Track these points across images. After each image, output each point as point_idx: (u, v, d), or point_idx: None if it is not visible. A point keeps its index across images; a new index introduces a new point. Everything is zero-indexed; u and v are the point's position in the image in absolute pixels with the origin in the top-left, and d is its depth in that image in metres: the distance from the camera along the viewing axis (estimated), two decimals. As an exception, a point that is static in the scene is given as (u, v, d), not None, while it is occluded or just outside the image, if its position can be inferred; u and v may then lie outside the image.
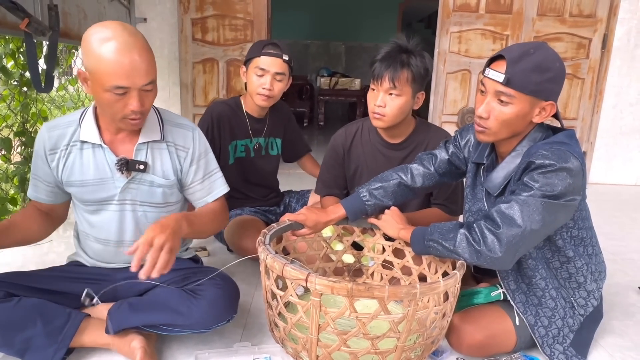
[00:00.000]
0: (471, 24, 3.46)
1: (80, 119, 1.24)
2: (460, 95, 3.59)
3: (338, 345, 1.09)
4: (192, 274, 1.29)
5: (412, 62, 1.51)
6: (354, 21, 7.31)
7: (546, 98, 1.12)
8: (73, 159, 1.23)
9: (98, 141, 1.21)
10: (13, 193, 2.25)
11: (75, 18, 2.51)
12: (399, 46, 1.54)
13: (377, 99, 1.53)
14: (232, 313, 1.24)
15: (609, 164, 3.63)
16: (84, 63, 1.12)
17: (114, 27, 1.09)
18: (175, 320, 1.17)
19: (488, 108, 1.16)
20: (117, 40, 1.07)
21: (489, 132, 1.19)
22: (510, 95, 1.11)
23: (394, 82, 1.50)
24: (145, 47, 1.11)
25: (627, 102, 3.51)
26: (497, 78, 1.12)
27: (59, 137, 1.23)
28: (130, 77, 1.08)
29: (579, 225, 1.21)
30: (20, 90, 2.21)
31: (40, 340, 1.11)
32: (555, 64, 1.10)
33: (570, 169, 1.07)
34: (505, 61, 1.11)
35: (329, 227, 1.56)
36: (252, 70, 1.78)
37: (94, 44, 1.08)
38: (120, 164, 1.21)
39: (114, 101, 1.11)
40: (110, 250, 1.30)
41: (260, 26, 3.45)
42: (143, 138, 1.24)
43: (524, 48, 1.11)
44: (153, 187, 1.27)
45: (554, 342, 1.24)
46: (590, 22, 3.44)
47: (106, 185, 1.23)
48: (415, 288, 1.02)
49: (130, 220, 1.28)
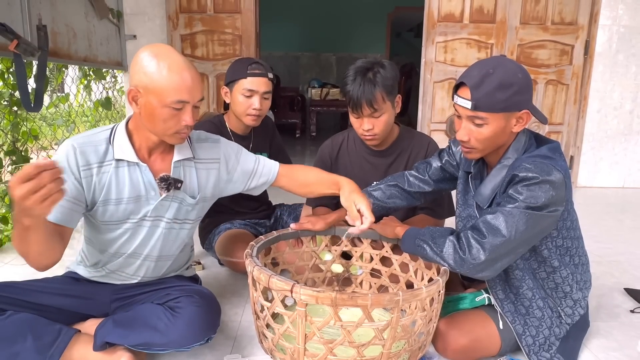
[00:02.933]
0: (456, 34, 3.54)
1: (111, 138, 1.23)
2: (447, 103, 3.64)
3: (325, 354, 1.11)
4: (174, 291, 1.30)
5: (379, 77, 1.53)
6: (343, 32, 7.41)
7: (519, 109, 1.15)
8: (109, 178, 1.21)
9: (135, 159, 1.22)
10: (4, 212, 2.26)
11: (64, 37, 2.55)
12: (361, 70, 1.55)
13: (364, 124, 1.58)
14: (210, 333, 1.23)
15: (596, 168, 3.69)
16: (137, 82, 1.15)
17: (167, 48, 1.17)
18: (153, 338, 1.17)
19: (466, 131, 1.20)
20: (176, 59, 1.14)
21: (475, 151, 1.23)
22: (482, 117, 1.15)
23: (373, 106, 1.53)
24: (194, 66, 1.20)
25: (611, 106, 3.58)
26: (465, 105, 1.16)
27: (91, 154, 1.20)
28: (191, 92, 1.15)
29: (563, 235, 1.23)
30: (10, 110, 2.23)
31: (29, 356, 1.12)
32: (517, 77, 1.13)
33: (553, 181, 1.10)
34: (467, 87, 1.14)
35: (318, 237, 1.59)
36: (239, 91, 1.77)
37: (152, 62, 1.13)
38: (165, 182, 1.23)
39: (170, 117, 1.16)
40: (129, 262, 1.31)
41: (249, 40, 3.51)
42: (178, 156, 1.27)
43: (484, 69, 1.13)
44: (182, 204, 1.29)
45: (540, 350, 1.26)
46: (572, 29, 3.53)
47: (140, 203, 1.24)
48: (398, 295, 1.05)
49: (155, 236, 1.29)
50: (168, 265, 1.38)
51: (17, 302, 1.19)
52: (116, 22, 3.24)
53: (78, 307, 1.29)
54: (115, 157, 1.21)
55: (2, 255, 2.12)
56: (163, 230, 1.30)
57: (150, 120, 1.18)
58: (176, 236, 1.34)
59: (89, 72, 3.22)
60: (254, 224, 2.03)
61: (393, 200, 1.53)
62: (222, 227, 1.94)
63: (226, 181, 1.40)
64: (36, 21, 2.17)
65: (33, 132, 2.38)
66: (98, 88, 3.43)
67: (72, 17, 2.61)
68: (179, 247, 1.37)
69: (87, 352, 1.20)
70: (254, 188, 1.47)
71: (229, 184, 1.41)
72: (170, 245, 1.34)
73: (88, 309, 1.30)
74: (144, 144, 1.24)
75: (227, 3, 3.44)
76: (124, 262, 1.30)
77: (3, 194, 2.25)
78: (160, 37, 3.42)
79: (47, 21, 2.33)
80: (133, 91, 1.16)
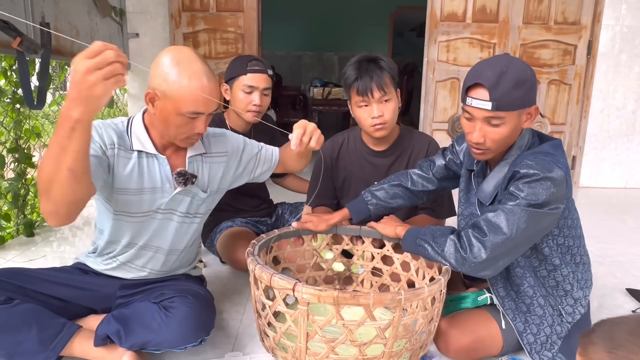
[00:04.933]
0: (459, 33, 3.53)
1: (128, 129, 1.25)
2: (450, 103, 3.64)
3: (326, 353, 1.11)
4: (168, 290, 1.30)
5: (384, 65, 1.57)
6: (346, 32, 7.40)
7: (530, 105, 1.16)
8: (132, 167, 1.22)
9: (153, 151, 1.24)
10: (7, 209, 2.26)
11: (67, 35, 2.55)
12: (365, 59, 1.58)
13: (373, 111, 1.57)
14: (203, 335, 1.23)
15: (598, 168, 3.68)
16: (156, 86, 1.14)
17: (190, 54, 1.15)
18: (146, 337, 1.18)
19: (482, 133, 1.17)
20: (197, 69, 1.13)
21: (489, 152, 1.21)
22: (501, 117, 1.14)
23: (383, 88, 1.54)
24: (214, 74, 1.19)
25: (614, 106, 3.57)
26: (484, 106, 1.13)
27: (113, 136, 1.21)
28: (207, 103, 1.16)
29: (564, 234, 1.23)
30: (13, 108, 2.23)
31: (32, 346, 1.13)
32: (528, 73, 1.14)
33: (554, 178, 1.10)
34: (483, 88, 1.13)
35: (320, 236, 1.59)
36: (239, 88, 1.80)
37: (173, 69, 1.12)
38: (182, 177, 1.25)
39: (184, 124, 1.17)
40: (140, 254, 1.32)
41: (251, 39, 3.50)
42: (192, 151, 1.30)
43: (497, 68, 1.12)
44: (194, 199, 1.32)
45: (542, 349, 1.25)
46: (575, 29, 3.52)
47: (155, 195, 1.26)
48: (399, 294, 1.05)
49: (168, 229, 1.31)
50: (177, 259, 1.39)
51: (25, 290, 1.20)
52: (119, 20, 3.25)
53: (82, 299, 1.30)
54: (134, 148, 1.23)
55: (5, 252, 2.12)
56: (176, 224, 1.32)
57: (164, 124, 1.20)
58: (187, 230, 1.36)
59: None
60: (255, 222, 2.03)
61: (396, 200, 1.53)
62: (224, 225, 1.94)
63: (234, 172, 1.43)
64: (39, 19, 2.17)
65: (36, 129, 2.39)
66: (100, 86, 3.43)
67: (74, 15, 2.62)
68: (189, 241, 1.39)
69: (88, 347, 1.21)
70: (259, 175, 1.50)
71: (237, 174, 1.45)
72: (181, 238, 1.36)
73: (92, 302, 1.31)
74: (159, 140, 1.27)
75: (230, 2, 3.44)
76: (136, 254, 1.32)
77: (5, 191, 2.25)
78: (162, 35, 3.42)
79: (50, 19, 2.33)
80: (151, 94, 1.17)
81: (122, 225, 1.27)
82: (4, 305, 1.13)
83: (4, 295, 1.15)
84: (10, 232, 2.28)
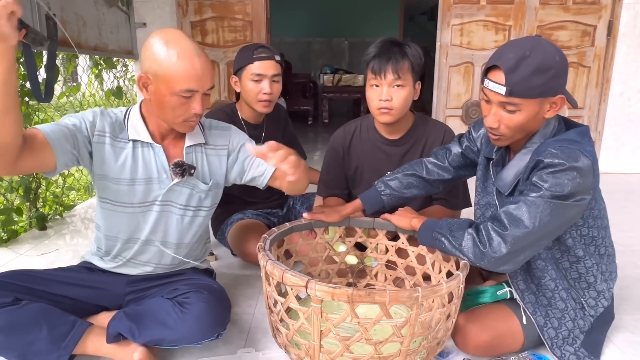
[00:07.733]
0: (473, 16, 3.42)
1: (125, 119, 1.24)
2: (464, 88, 3.55)
3: (341, 351, 1.08)
4: (182, 285, 1.28)
5: (408, 52, 1.52)
6: (356, 17, 7.27)
7: (554, 94, 1.08)
8: (125, 157, 1.21)
9: (149, 140, 1.23)
10: (18, 203, 2.27)
11: (74, 26, 2.52)
12: (390, 41, 1.54)
13: (382, 94, 1.52)
14: (219, 329, 1.22)
15: (618, 153, 3.57)
16: (147, 69, 1.14)
17: (178, 34, 1.15)
18: (162, 334, 1.17)
19: (496, 118, 1.13)
20: (187, 46, 1.12)
21: (504, 138, 1.16)
22: (516, 103, 1.08)
23: (397, 72, 1.49)
24: (205, 54, 1.18)
25: (635, 89, 3.45)
26: (498, 90, 1.08)
27: (109, 125, 1.21)
28: (200, 80, 1.14)
29: (589, 224, 1.17)
30: (22, 101, 2.22)
31: (44, 346, 1.12)
32: (555, 59, 1.06)
33: (580, 168, 1.03)
34: (501, 71, 1.07)
35: (332, 228, 1.55)
36: (248, 77, 1.75)
37: (162, 49, 1.11)
38: (179, 167, 1.23)
39: (179, 105, 1.15)
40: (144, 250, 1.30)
41: (260, 26, 3.44)
42: (190, 141, 1.28)
43: (520, 51, 1.05)
44: (194, 190, 1.29)
45: (564, 344, 1.21)
46: (595, 8, 3.38)
47: (151, 185, 1.24)
48: (417, 292, 1.01)
49: (168, 221, 1.29)
50: (184, 254, 1.36)
51: (33, 291, 1.19)
52: (126, 9, 3.21)
53: (92, 298, 1.29)
54: (130, 138, 1.22)
55: (18, 246, 2.13)
56: (177, 217, 1.29)
57: (159, 108, 1.18)
58: (191, 223, 1.33)
59: (99, 61, 3.20)
60: (266, 213, 2.01)
61: (410, 190, 1.48)
62: (235, 218, 1.92)
63: (231, 167, 1.38)
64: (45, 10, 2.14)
65: (45, 122, 2.37)
66: (109, 77, 3.41)
67: (81, 5, 2.58)
68: (194, 235, 1.36)
69: (101, 344, 1.20)
70: (250, 180, 1.39)
71: (233, 171, 1.39)
72: (186, 232, 1.33)
73: (102, 300, 1.30)
74: (156, 129, 1.25)
75: (237, -12, 3.38)
76: (140, 250, 1.30)
77: (17, 185, 2.25)
78: (170, 24, 3.37)
79: (56, 10, 2.30)
80: (143, 78, 1.16)
81: (114, 216, 1.25)
82: (12, 307, 1.12)
83: (12, 296, 1.14)
84: (23, 225, 2.29)
